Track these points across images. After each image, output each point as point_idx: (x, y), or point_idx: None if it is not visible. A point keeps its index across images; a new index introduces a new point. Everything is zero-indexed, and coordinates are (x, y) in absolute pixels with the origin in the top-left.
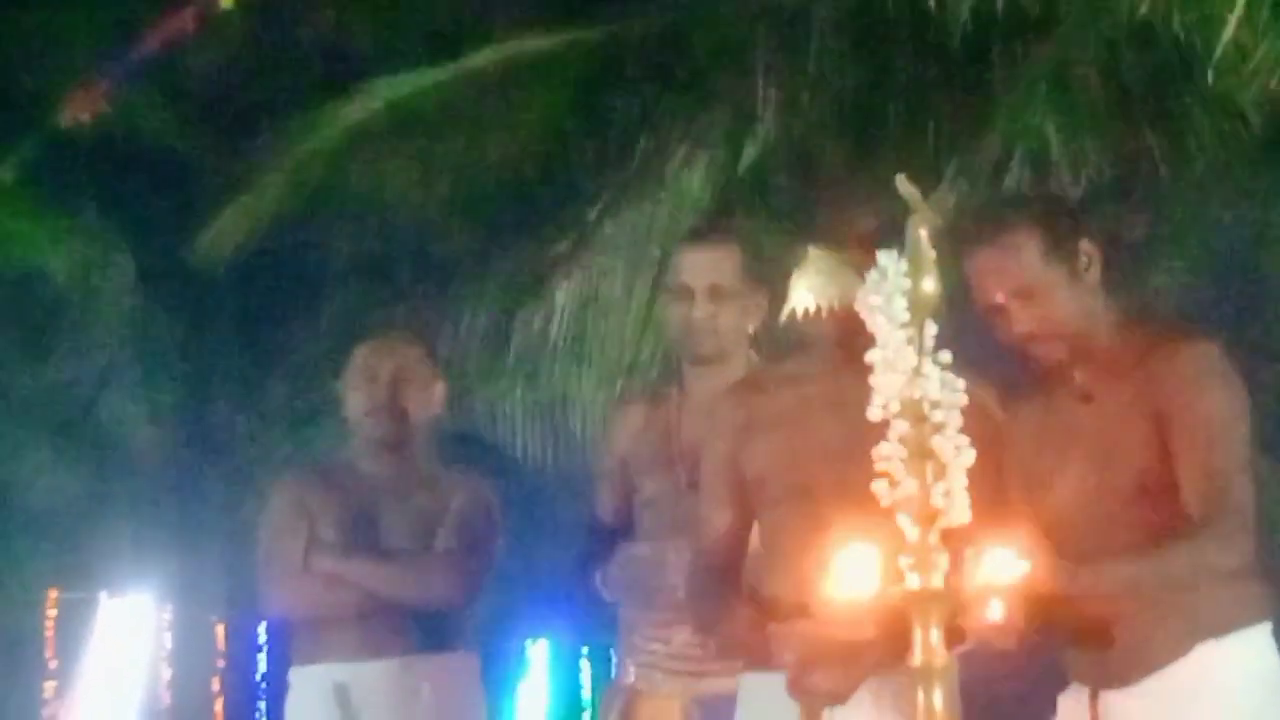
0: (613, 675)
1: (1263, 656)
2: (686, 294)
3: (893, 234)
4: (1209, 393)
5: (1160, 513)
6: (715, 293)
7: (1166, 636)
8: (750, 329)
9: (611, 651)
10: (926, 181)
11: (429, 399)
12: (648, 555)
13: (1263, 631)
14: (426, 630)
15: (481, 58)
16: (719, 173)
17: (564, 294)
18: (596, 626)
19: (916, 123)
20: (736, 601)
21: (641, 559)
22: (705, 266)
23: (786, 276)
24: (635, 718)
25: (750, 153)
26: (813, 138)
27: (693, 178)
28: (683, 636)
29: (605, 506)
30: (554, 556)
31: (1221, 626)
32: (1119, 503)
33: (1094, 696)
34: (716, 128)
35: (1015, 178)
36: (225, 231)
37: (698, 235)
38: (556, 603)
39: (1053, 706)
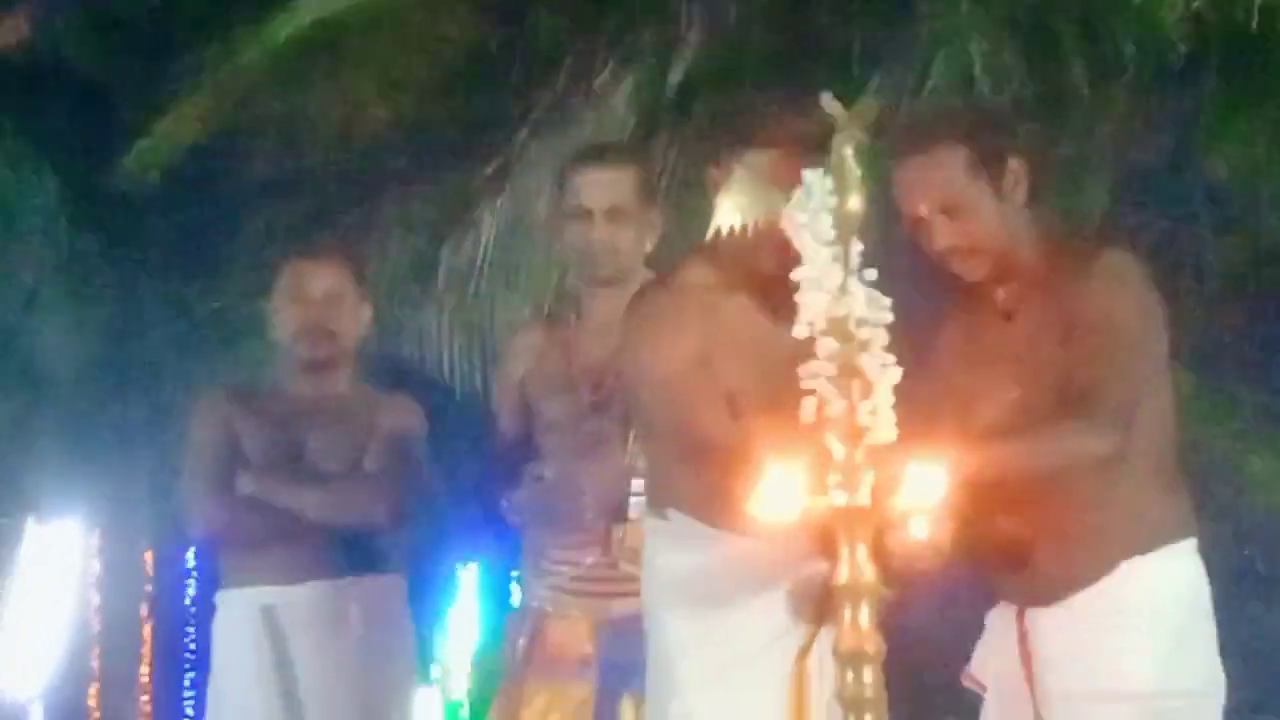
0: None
1: (1187, 572)
2: (585, 215)
3: (818, 150)
4: (1110, 295)
5: None
6: (614, 214)
7: (1091, 553)
8: (647, 248)
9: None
10: (850, 97)
11: (358, 320)
12: (555, 478)
13: (1187, 548)
14: (355, 552)
15: None
16: (644, 92)
17: (491, 217)
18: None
19: (840, 38)
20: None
21: (549, 482)
22: (603, 187)
23: (712, 194)
24: (544, 639)
25: (676, 72)
26: (737, 54)
27: (618, 98)
28: (591, 558)
29: (506, 432)
30: (476, 481)
31: (1146, 543)
32: (1043, 418)
33: (1021, 614)
34: (642, 47)
35: (938, 92)
36: (149, 153)
37: (593, 156)
38: (485, 526)
39: (980, 625)
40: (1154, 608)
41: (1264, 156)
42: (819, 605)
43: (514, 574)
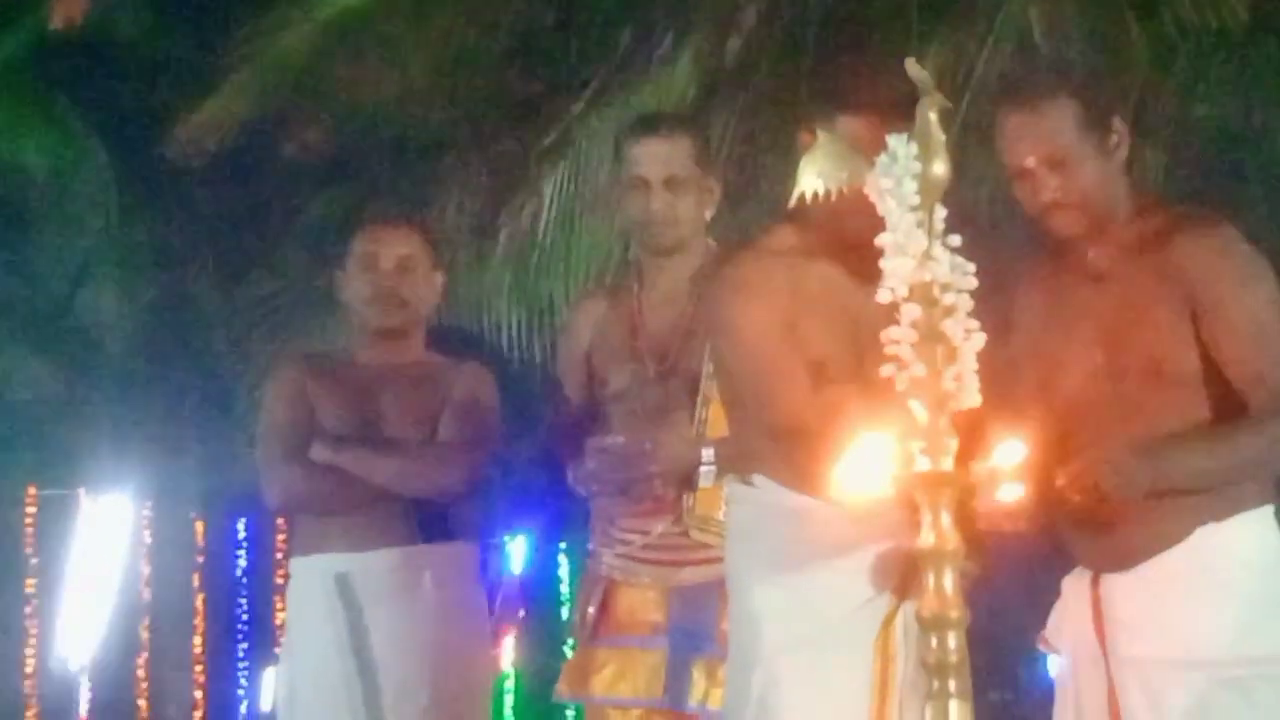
0: (585, 566)
1: (1263, 540)
2: (643, 186)
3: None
4: (1246, 279)
5: (1178, 397)
6: (671, 183)
7: (1166, 520)
8: (707, 216)
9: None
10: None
11: (430, 288)
12: (622, 446)
13: (1264, 515)
14: (428, 520)
15: None
16: (703, 63)
17: (551, 187)
18: (574, 522)
19: (899, 4)
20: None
21: (616, 450)
22: (660, 158)
23: (793, 161)
24: (614, 608)
25: (735, 40)
26: (796, 21)
27: (677, 68)
28: (662, 527)
29: (571, 402)
30: (533, 452)
31: (1223, 510)
32: (1129, 384)
33: (1096, 580)
34: (700, 17)
35: (997, 57)
36: (202, 126)
37: (649, 126)
38: (534, 498)
39: (1056, 590)
40: (1228, 574)
41: None
42: (904, 574)
43: (561, 546)
